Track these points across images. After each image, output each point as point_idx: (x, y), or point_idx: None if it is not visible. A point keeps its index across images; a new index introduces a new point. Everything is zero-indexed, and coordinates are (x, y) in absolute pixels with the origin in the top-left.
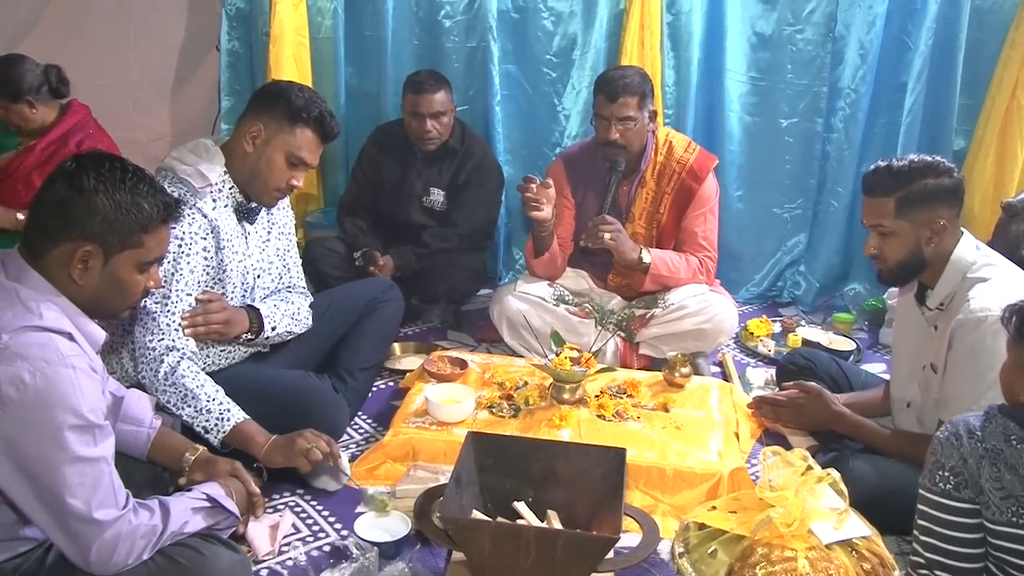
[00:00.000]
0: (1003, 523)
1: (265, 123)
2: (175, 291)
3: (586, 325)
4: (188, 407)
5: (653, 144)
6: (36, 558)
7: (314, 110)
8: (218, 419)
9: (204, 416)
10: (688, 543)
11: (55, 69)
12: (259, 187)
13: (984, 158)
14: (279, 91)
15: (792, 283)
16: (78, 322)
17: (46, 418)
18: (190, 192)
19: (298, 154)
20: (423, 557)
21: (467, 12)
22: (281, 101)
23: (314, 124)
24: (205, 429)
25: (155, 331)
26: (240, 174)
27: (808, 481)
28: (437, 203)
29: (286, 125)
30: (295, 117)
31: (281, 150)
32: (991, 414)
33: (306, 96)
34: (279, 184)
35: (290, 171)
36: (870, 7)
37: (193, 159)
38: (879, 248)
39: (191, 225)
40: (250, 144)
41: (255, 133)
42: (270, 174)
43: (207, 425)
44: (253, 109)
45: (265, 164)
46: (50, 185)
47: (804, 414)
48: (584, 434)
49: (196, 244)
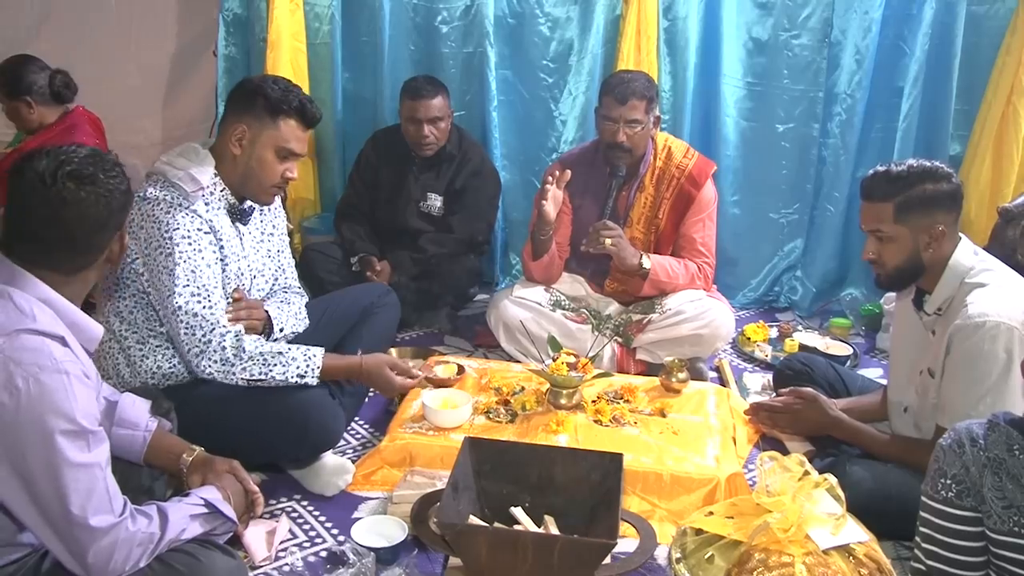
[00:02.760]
0: (1005, 532)
1: (248, 123)
2: (202, 286)
3: (583, 330)
4: (276, 366)
5: (652, 149)
6: (32, 564)
7: (293, 100)
8: (306, 360)
9: (294, 365)
10: (685, 548)
11: (61, 74)
12: (255, 186)
13: (980, 163)
14: (254, 88)
15: (789, 288)
16: (73, 321)
17: (39, 424)
18: (181, 196)
19: (287, 146)
20: (420, 562)
21: (464, 17)
22: (259, 98)
23: (296, 114)
24: (302, 375)
25: (202, 325)
26: (232, 176)
27: (805, 486)
28: (434, 208)
29: (268, 120)
30: (276, 110)
31: (269, 146)
32: (994, 423)
33: (281, 87)
34: (274, 180)
35: (282, 164)
36: (866, 12)
37: (183, 163)
38: (877, 253)
39: (193, 223)
40: (236, 146)
41: (239, 135)
42: (263, 172)
43: (303, 370)
44: (232, 110)
45: (257, 163)
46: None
47: (801, 420)
48: (581, 439)
49: (203, 239)
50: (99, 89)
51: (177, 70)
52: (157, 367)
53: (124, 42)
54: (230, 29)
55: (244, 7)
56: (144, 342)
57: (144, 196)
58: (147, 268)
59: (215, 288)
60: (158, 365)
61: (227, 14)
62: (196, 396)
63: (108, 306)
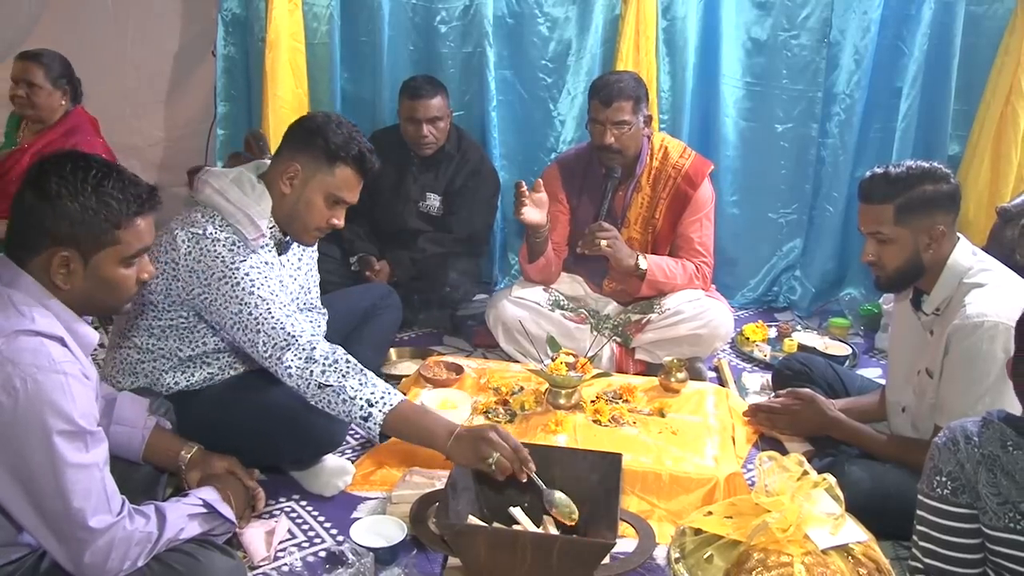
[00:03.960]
0: (1000, 529)
1: (303, 163)
2: (284, 304)
3: (582, 330)
4: (352, 377)
5: (648, 149)
6: (30, 564)
7: (353, 148)
8: (385, 394)
9: (370, 389)
10: (684, 548)
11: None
12: (299, 227)
13: (979, 163)
14: (316, 128)
15: (788, 288)
16: (71, 326)
17: (37, 424)
18: (243, 241)
19: (338, 194)
20: (419, 563)
21: (463, 17)
22: (319, 140)
23: (354, 163)
24: (371, 403)
25: (285, 327)
26: (279, 213)
27: (804, 486)
28: (433, 208)
29: (324, 165)
30: (334, 156)
31: (320, 191)
32: (988, 420)
33: (344, 133)
34: (319, 224)
35: (330, 211)
36: (865, 13)
37: (238, 196)
38: (877, 255)
39: (259, 259)
40: (287, 185)
41: (292, 174)
42: (309, 216)
43: (376, 398)
44: (289, 147)
45: (304, 206)
46: (20, 194)
47: (799, 421)
48: (580, 439)
49: (270, 272)
50: (96, 90)
51: (175, 71)
52: (175, 383)
53: (121, 42)
54: (229, 29)
55: (243, 7)
56: (169, 358)
57: (203, 234)
58: (209, 299)
59: (284, 306)
60: (175, 381)
61: (226, 14)
62: (198, 398)
63: (140, 322)
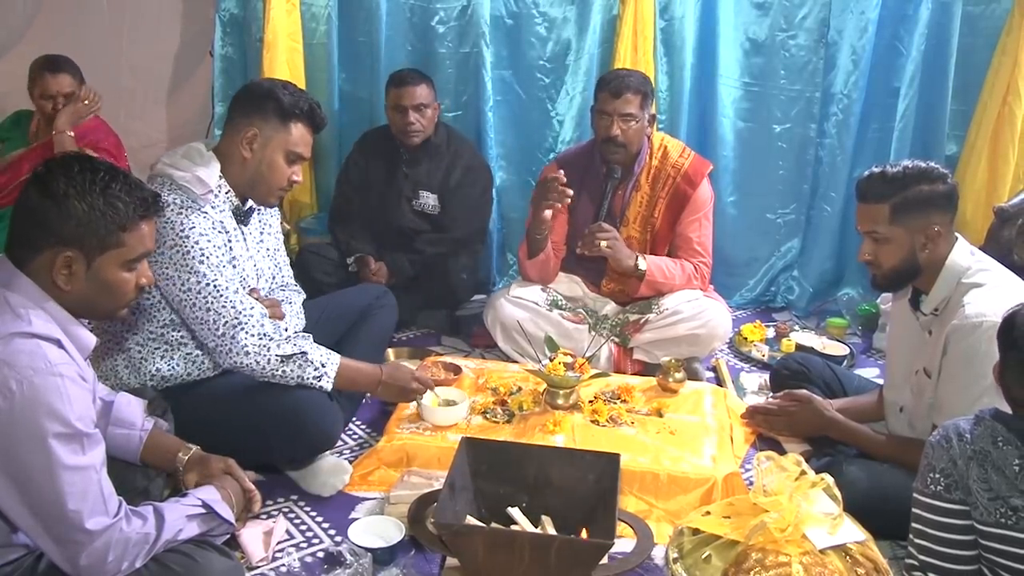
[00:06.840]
0: (992, 524)
1: (259, 126)
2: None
3: (580, 330)
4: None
5: (648, 148)
6: (28, 565)
7: (303, 104)
8: (325, 354)
9: (319, 352)
10: (682, 548)
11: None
12: (263, 189)
13: (976, 163)
14: (266, 91)
15: (786, 288)
16: (68, 328)
17: (33, 426)
18: (191, 199)
19: (296, 150)
20: (417, 563)
21: (460, 18)
22: (270, 102)
23: (306, 118)
24: (323, 363)
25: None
26: (239, 178)
27: (802, 486)
28: (428, 206)
29: (280, 124)
30: (287, 115)
31: (280, 150)
32: (980, 417)
33: (291, 91)
34: (282, 183)
35: (290, 168)
36: (862, 13)
37: (187, 164)
38: (873, 254)
39: (207, 222)
40: (247, 149)
41: (251, 138)
42: (272, 175)
43: (323, 359)
44: (242, 112)
45: (267, 167)
46: (25, 193)
47: (797, 421)
48: (578, 439)
49: (219, 238)
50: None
51: (172, 71)
52: (156, 370)
53: (117, 43)
54: (226, 29)
55: (240, 7)
56: (144, 344)
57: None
58: (164, 270)
59: (239, 281)
60: (157, 368)
61: (223, 14)
62: (193, 397)
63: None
